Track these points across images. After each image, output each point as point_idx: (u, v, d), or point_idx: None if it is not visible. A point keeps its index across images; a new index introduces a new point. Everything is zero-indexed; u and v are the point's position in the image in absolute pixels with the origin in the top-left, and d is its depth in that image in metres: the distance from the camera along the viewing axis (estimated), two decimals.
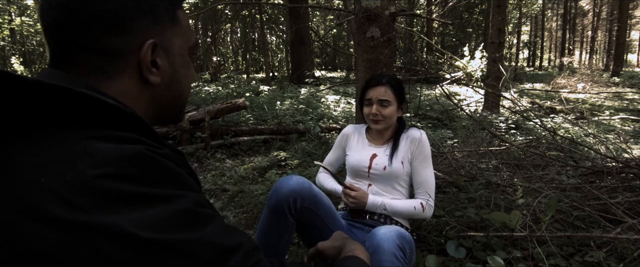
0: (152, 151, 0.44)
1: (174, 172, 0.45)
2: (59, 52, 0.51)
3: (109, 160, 0.40)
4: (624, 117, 6.39)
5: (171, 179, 0.44)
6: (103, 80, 0.51)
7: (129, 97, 0.53)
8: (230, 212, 2.58)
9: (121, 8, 0.50)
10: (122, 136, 0.45)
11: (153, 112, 0.58)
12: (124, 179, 0.40)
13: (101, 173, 0.39)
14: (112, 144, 0.43)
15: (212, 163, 3.90)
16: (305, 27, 10.72)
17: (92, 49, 0.50)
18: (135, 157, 0.42)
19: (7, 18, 15.67)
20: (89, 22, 0.48)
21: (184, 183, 0.46)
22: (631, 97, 9.65)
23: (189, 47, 0.61)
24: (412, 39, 12.52)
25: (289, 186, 1.34)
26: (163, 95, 0.58)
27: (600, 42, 38.12)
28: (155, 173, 0.43)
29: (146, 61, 0.53)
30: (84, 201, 0.37)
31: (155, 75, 0.55)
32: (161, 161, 0.44)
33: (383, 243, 1.16)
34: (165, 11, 0.55)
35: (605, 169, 2.47)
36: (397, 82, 1.61)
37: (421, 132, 1.62)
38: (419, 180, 1.58)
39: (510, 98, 5.86)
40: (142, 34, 0.52)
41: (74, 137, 0.42)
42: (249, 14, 14.64)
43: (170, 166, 0.45)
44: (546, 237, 1.61)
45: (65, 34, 0.49)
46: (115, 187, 0.39)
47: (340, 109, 6.52)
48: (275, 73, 17.29)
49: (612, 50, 19.61)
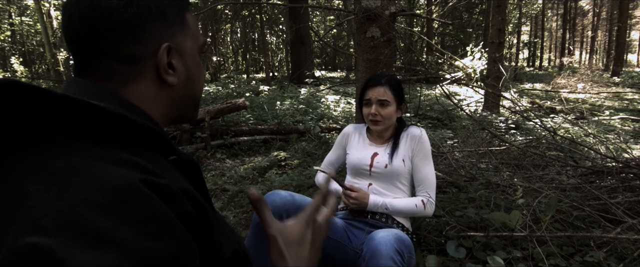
0: (148, 182, 0.42)
1: (157, 215, 0.41)
2: (82, 61, 0.55)
3: (96, 187, 0.39)
4: (624, 117, 6.39)
5: (147, 222, 0.40)
6: (123, 84, 0.55)
7: (149, 99, 0.57)
8: (230, 212, 2.58)
9: (135, 17, 0.54)
10: (123, 159, 0.44)
11: (171, 112, 0.62)
12: (104, 209, 0.38)
13: (83, 199, 0.37)
14: (110, 166, 0.42)
15: (212, 163, 3.90)
16: (305, 27, 10.71)
17: (112, 56, 0.54)
18: (125, 190, 0.40)
19: (8, 20, 15.68)
20: (108, 32, 0.52)
21: (162, 230, 0.40)
22: (631, 97, 9.65)
23: (198, 46, 0.64)
24: (412, 39, 12.52)
25: (274, 203, 1.35)
26: (180, 95, 0.62)
27: (600, 42, 38.12)
28: (135, 212, 0.39)
29: (163, 63, 0.57)
30: (53, 224, 0.36)
31: (172, 76, 0.59)
32: (149, 199, 0.41)
33: (381, 247, 1.16)
34: (174, 15, 0.59)
35: (605, 169, 2.47)
36: (396, 83, 1.61)
37: (421, 130, 1.62)
38: (420, 177, 1.58)
39: (510, 98, 5.86)
40: (156, 39, 0.56)
41: (80, 153, 0.43)
42: (249, 14, 14.64)
43: (156, 207, 0.41)
44: (546, 237, 1.61)
45: (87, 45, 0.53)
46: (89, 217, 0.37)
47: (340, 109, 6.52)
48: (275, 73, 17.28)
49: (612, 50, 19.62)
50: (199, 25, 0.67)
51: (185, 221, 0.45)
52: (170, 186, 0.45)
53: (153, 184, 0.43)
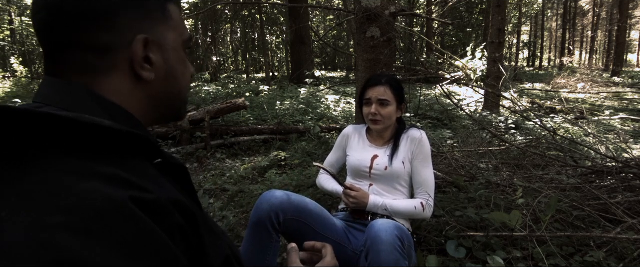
0: (134, 198, 0.39)
1: (140, 235, 0.39)
2: (52, 53, 0.51)
3: (74, 209, 0.36)
4: (624, 117, 6.39)
5: (131, 244, 0.38)
6: (95, 77, 0.51)
7: (122, 95, 0.52)
8: (230, 212, 2.58)
9: (107, 2, 0.49)
10: (105, 174, 0.40)
11: (151, 111, 0.57)
12: (82, 234, 0.35)
13: (60, 223, 0.35)
14: (91, 183, 0.38)
15: (212, 163, 3.90)
16: (305, 27, 10.72)
17: (82, 46, 0.49)
18: (106, 211, 0.37)
19: (7, 19, 15.67)
20: (76, 19, 0.48)
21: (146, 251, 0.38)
22: (631, 97, 9.65)
23: (183, 41, 0.59)
24: (412, 39, 12.53)
25: (270, 202, 1.35)
26: (160, 93, 0.57)
27: (600, 42, 38.12)
28: (117, 233, 0.37)
29: (138, 56, 0.52)
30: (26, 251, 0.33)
31: (148, 71, 0.53)
32: (132, 220, 0.38)
33: (381, 233, 1.17)
34: (156, 5, 0.54)
35: (605, 169, 2.47)
36: (396, 82, 1.61)
37: (421, 132, 1.62)
38: (419, 180, 1.58)
39: (510, 98, 5.86)
40: (131, 29, 0.51)
41: (55, 169, 0.39)
42: (249, 14, 14.64)
43: (140, 227, 0.39)
44: (546, 237, 1.61)
45: (56, 34, 0.49)
46: (66, 244, 0.34)
47: (340, 109, 6.52)
48: (275, 73, 17.29)
49: (612, 50, 19.61)
50: (183, 17, 0.63)
51: (175, 235, 0.43)
52: (158, 200, 0.43)
53: (140, 200, 0.40)
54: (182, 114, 0.63)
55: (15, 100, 8.21)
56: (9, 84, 10.39)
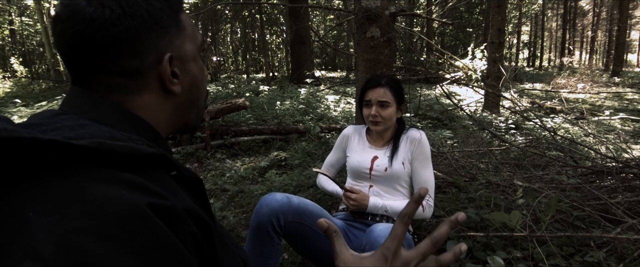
0: (152, 205, 0.41)
1: (160, 242, 0.40)
2: (79, 74, 0.53)
3: (98, 213, 0.37)
4: (624, 117, 6.39)
5: (151, 250, 0.39)
6: (126, 95, 0.53)
7: (153, 110, 0.55)
8: (230, 212, 2.58)
9: (131, 28, 0.50)
10: (128, 180, 0.42)
11: (175, 120, 0.60)
12: (104, 239, 0.36)
13: (84, 226, 0.36)
14: (114, 188, 0.40)
15: (212, 163, 3.90)
16: (305, 27, 10.71)
17: (112, 71, 0.52)
18: (129, 217, 0.38)
19: (7, 18, 15.67)
20: (105, 47, 0.50)
21: (164, 258, 0.40)
22: (631, 97, 9.65)
23: (198, 47, 0.61)
24: (412, 39, 12.53)
25: (269, 206, 1.35)
26: (184, 102, 0.60)
27: (600, 42, 38.12)
28: (139, 239, 0.38)
29: (167, 74, 0.55)
30: (51, 252, 0.35)
31: (177, 85, 0.56)
32: (154, 226, 0.40)
33: (380, 240, 1.17)
34: (169, 19, 0.56)
35: (605, 169, 2.47)
36: (396, 83, 1.61)
37: (421, 133, 1.62)
38: (419, 180, 1.58)
39: (510, 98, 5.86)
40: (154, 49, 0.53)
41: (81, 175, 0.41)
42: (249, 14, 14.64)
43: (160, 234, 0.40)
44: (546, 237, 1.61)
45: (82, 59, 0.51)
46: (89, 247, 0.35)
47: (340, 109, 6.52)
48: (275, 73, 17.28)
49: (612, 50, 19.61)
50: (193, 22, 0.64)
51: (190, 244, 0.45)
52: (175, 208, 0.44)
53: (157, 207, 0.42)
54: (200, 121, 0.66)
55: (15, 101, 8.22)
56: (9, 84, 10.39)
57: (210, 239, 0.50)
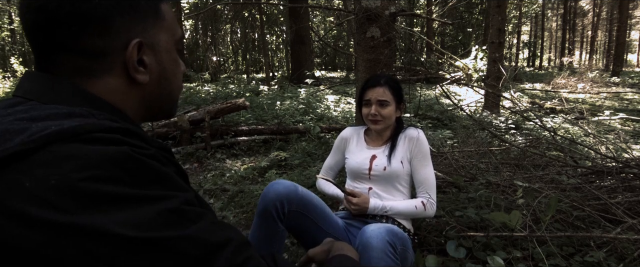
0: (137, 151, 0.44)
1: (159, 172, 0.45)
2: (42, 53, 0.50)
3: (93, 162, 0.40)
4: (624, 117, 6.38)
5: (157, 180, 0.44)
6: (88, 79, 0.51)
7: (117, 96, 0.53)
8: (230, 212, 2.58)
9: (100, 7, 0.48)
10: (106, 138, 0.44)
11: (144, 110, 0.58)
12: (108, 180, 0.40)
13: (86, 176, 0.39)
14: (97, 146, 0.42)
15: (212, 163, 3.90)
16: (305, 27, 10.71)
17: (75, 50, 0.49)
18: (120, 159, 0.42)
19: (7, 20, 15.68)
20: (69, 24, 0.48)
21: (170, 183, 0.45)
22: (631, 97, 9.65)
23: (175, 40, 0.59)
24: (412, 39, 12.52)
25: (276, 191, 1.35)
26: (153, 94, 0.57)
27: (600, 42, 38.11)
28: (140, 174, 0.43)
29: (132, 61, 0.52)
30: (68, 203, 0.37)
31: (143, 74, 0.54)
32: (146, 161, 0.44)
33: (371, 240, 1.16)
34: (147, 6, 0.54)
35: (605, 169, 2.47)
36: (395, 83, 1.62)
37: (418, 131, 1.62)
38: (419, 179, 1.58)
39: (510, 98, 5.86)
40: (125, 33, 0.51)
41: (62, 145, 0.42)
42: (249, 14, 14.64)
43: (156, 166, 0.45)
44: (546, 237, 1.61)
45: (46, 36, 0.49)
46: (100, 189, 0.39)
47: (340, 109, 6.52)
48: (275, 73, 17.28)
49: (612, 50, 19.61)
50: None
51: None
52: (157, 154, 0.47)
53: (141, 152, 0.45)
54: (173, 113, 0.64)
55: None
56: (9, 83, 10.39)
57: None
